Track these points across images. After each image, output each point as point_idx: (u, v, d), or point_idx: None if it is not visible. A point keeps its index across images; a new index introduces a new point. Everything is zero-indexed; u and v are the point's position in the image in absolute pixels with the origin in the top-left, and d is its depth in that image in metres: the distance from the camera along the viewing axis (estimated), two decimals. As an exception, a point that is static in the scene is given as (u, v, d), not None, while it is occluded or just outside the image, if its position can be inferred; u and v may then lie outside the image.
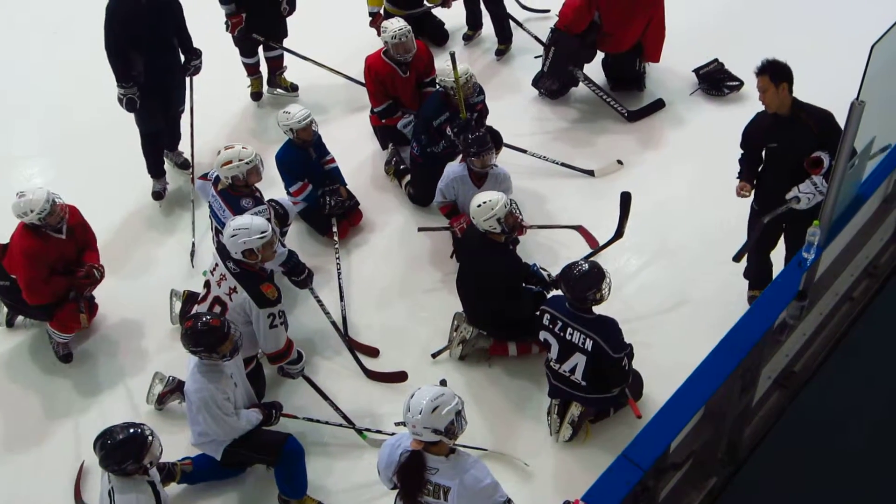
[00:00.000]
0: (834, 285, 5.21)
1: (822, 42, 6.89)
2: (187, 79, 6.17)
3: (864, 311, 5.47)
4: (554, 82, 6.88)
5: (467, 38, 7.68)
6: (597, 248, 5.57)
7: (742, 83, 6.92)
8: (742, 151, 5.03)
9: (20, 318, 5.51)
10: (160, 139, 6.31)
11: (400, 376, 5.22)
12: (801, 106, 4.71)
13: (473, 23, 7.66)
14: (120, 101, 5.94)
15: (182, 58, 6.09)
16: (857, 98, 3.85)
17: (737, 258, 5.16)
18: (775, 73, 4.65)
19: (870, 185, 4.79)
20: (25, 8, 8.37)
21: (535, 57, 6.93)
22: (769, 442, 4.91)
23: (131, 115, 6.04)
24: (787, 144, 4.71)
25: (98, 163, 6.46)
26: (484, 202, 4.93)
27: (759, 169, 5.01)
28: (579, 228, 5.83)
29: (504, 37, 7.49)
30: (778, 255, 5.24)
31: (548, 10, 7.54)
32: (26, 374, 5.35)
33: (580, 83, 6.84)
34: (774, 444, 4.91)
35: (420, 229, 5.89)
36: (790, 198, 4.66)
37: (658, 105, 6.83)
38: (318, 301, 5.43)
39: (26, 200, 4.91)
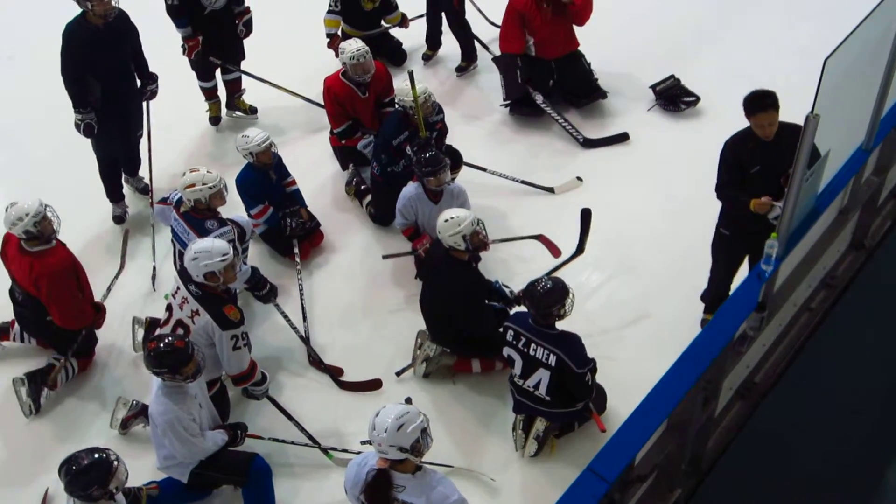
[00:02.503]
0: (792, 296, 5.25)
1: (772, 57, 7.02)
2: (144, 104, 6.14)
3: (822, 322, 5.56)
4: (515, 100, 6.96)
5: (426, 58, 7.71)
6: (558, 265, 5.58)
7: (698, 99, 6.99)
8: (723, 179, 4.89)
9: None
10: (118, 164, 6.27)
11: (374, 384, 5.24)
12: (783, 126, 4.67)
13: (433, 42, 7.69)
14: (77, 126, 5.90)
15: (139, 82, 6.07)
16: (811, 111, 3.90)
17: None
18: (776, 104, 4.63)
19: (826, 197, 4.86)
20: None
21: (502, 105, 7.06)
22: (732, 453, 4.96)
23: (87, 141, 6.00)
24: (769, 167, 4.66)
25: (54, 189, 6.31)
26: (452, 217, 4.94)
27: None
28: (540, 237, 5.84)
29: (467, 54, 7.55)
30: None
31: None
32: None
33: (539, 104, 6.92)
34: (737, 454, 4.96)
35: (385, 257, 5.88)
36: (774, 217, 4.59)
37: (622, 138, 6.82)
38: (284, 316, 5.45)
39: (19, 207, 4.85)
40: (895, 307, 5.81)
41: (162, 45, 6.62)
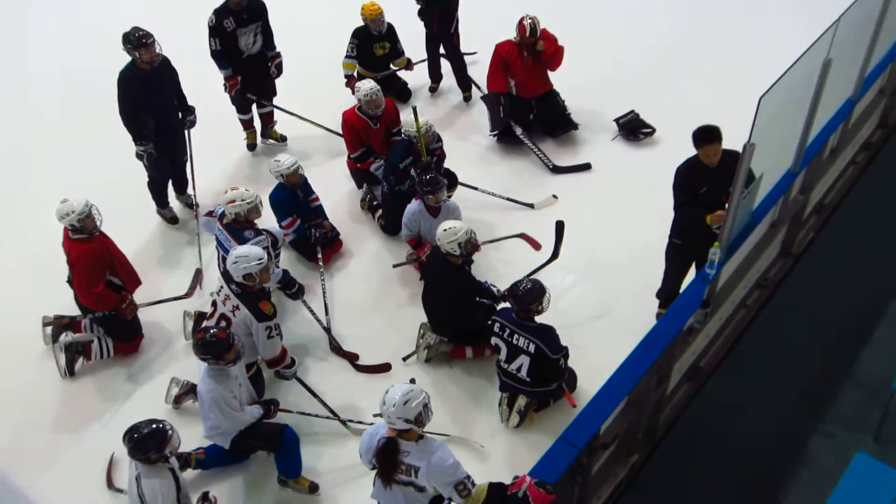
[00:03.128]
0: (731, 295, 5.29)
1: (718, 95, 6.92)
2: (186, 132, 6.10)
3: (756, 317, 5.57)
4: (500, 131, 6.93)
5: (432, 91, 7.71)
6: (537, 268, 5.56)
7: (654, 130, 6.97)
8: (678, 200, 4.85)
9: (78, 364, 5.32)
10: (166, 182, 6.25)
11: (385, 367, 5.22)
12: (725, 153, 4.64)
13: (435, 77, 7.68)
14: (140, 157, 5.89)
15: (180, 115, 6.03)
16: (748, 141, 3.94)
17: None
18: (720, 137, 4.60)
19: (760, 213, 4.87)
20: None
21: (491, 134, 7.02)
22: (680, 425, 4.97)
23: (135, 166, 5.99)
24: (714, 188, 4.63)
25: (112, 209, 6.21)
26: (450, 227, 4.96)
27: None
28: (523, 235, 5.88)
29: (465, 86, 7.53)
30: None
31: (475, 52, 7.66)
32: (70, 383, 5.23)
33: (519, 136, 6.88)
34: (685, 426, 4.96)
35: (394, 266, 5.86)
36: (716, 228, 4.54)
37: (585, 167, 6.73)
38: (310, 310, 5.46)
39: (68, 204, 4.85)
40: (817, 304, 5.74)
41: (208, 84, 6.63)
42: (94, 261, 4.96)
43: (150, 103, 5.78)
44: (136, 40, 5.54)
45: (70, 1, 9.44)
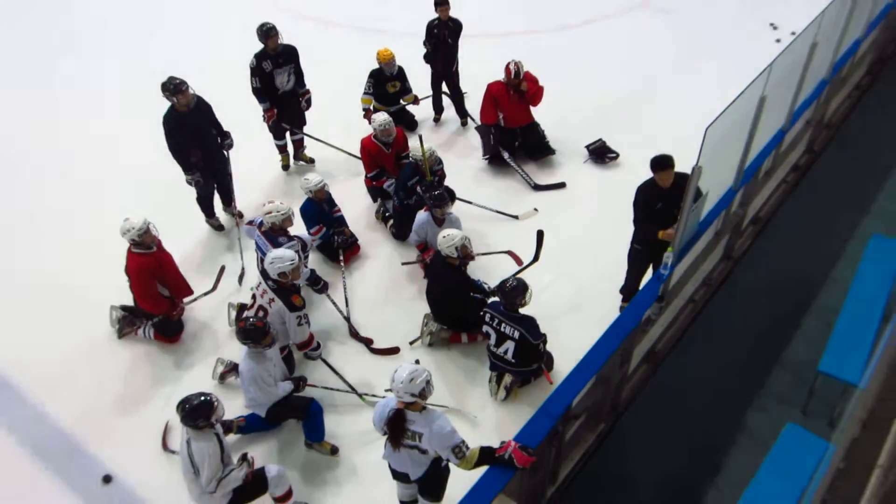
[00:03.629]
0: (682, 292, 5.31)
1: (672, 125, 6.98)
2: (226, 153, 6.09)
3: (702, 310, 5.57)
4: (490, 156, 6.95)
5: (436, 121, 7.72)
6: (520, 269, 5.57)
7: (618, 155, 6.97)
8: (638, 215, 4.86)
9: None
10: (212, 197, 6.26)
11: (394, 350, 5.23)
12: (677, 175, 4.65)
13: (437, 109, 7.70)
14: (189, 183, 5.92)
15: (219, 140, 6.02)
16: (696, 164, 3.96)
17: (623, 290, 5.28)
18: (673, 164, 4.63)
19: (706, 223, 4.89)
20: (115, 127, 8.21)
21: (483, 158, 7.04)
22: (640, 399, 4.98)
23: (181, 185, 6.00)
24: (668, 204, 4.66)
25: (166, 222, 5.86)
26: (448, 235, 4.97)
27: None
28: (509, 252, 5.88)
29: (462, 113, 7.57)
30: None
31: (466, 92, 7.63)
32: (133, 365, 5.26)
33: (506, 159, 6.90)
34: (643, 400, 4.97)
35: (403, 263, 5.86)
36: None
37: (560, 185, 6.73)
38: (333, 302, 5.45)
39: (129, 222, 4.89)
40: (753, 300, 5.77)
41: (251, 118, 6.63)
42: (147, 273, 4.96)
43: (192, 138, 5.78)
44: (173, 88, 5.55)
45: (131, 42, 9.51)
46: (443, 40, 7.12)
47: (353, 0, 10.13)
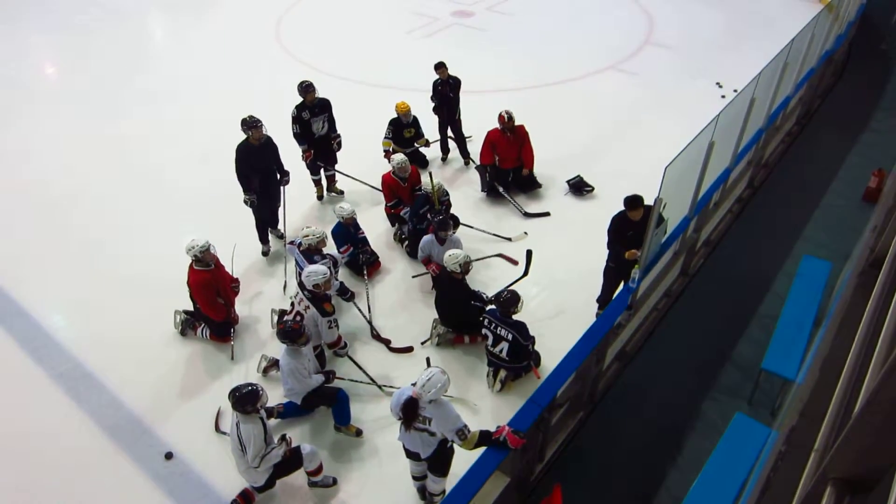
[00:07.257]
0: (647, 301, 5.27)
1: (640, 162, 6.93)
2: (281, 188, 6.12)
3: (664, 317, 5.55)
4: (488, 189, 6.94)
5: (443, 160, 7.69)
6: (513, 282, 5.54)
7: (594, 188, 6.94)
8: (611, 239, 4.89)
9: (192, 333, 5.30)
10: (267, 222, 6.22)
11: (409, 349, 5.18)
12: (646, 207, 4.65)
13: (444, 150, 7.67)
14: (246, 202, 5.92)
15: (278, 176, 6.04)
16: (658, 196, 3.96)
17: (599, 300, 5.25)
18: (643, 203, 4.63)
19: (666, 245, 4.90)
20: (178, 143, 8.19)
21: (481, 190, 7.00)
22: (613, 391, 4.94)
23: (243, 210, 6.00)
24: (637, 231, 4.64)
25: (224, 239, 5.93)
26: (453, 254, 4.97)
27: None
28: (500, 255, 5.88)
29: (465, 154, 7.54)
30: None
31: (470, 136, 7.57)
32: (192, 360, 5.22)
33: (500, 192, 6.89)
34: (616, 393, 4.93)
35: (413, 276, 5.85)
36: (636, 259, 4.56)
37: (546, 214, 6.68)
38: (358, 309, 5.41)
39: (193, 241, 4.87)
40: (706, 309, 5.70)
41: (295, 159, 6.61)
42: (205, 286, 4.94)
43: (256, 167, 5.79)
44: (251, 123, 5.63)
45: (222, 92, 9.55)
46: (445, 95, 7.15)
47: (377, 66, 10.23)
